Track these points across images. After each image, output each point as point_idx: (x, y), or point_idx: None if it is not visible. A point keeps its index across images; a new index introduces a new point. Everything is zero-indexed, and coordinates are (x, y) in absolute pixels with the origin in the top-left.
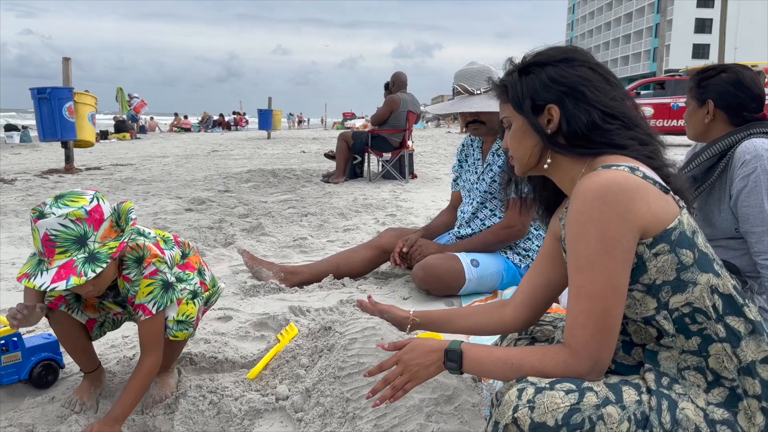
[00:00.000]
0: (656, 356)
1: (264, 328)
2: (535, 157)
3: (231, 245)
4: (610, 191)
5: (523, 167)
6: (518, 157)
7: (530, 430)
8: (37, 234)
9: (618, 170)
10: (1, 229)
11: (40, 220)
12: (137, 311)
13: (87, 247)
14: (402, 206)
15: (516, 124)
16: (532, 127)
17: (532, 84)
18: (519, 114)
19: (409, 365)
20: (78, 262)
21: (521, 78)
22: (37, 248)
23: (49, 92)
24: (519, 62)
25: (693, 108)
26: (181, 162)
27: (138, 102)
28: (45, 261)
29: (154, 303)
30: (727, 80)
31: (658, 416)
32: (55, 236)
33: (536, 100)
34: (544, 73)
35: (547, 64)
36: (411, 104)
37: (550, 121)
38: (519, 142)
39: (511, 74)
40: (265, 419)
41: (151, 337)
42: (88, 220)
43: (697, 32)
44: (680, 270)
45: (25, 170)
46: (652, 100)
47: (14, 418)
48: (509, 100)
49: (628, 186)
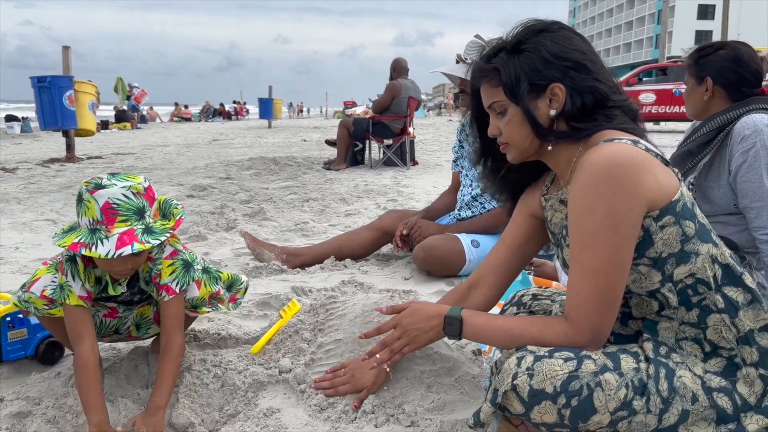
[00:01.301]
0: (656, 326)
1: (267, 307)
2: (536, 143)
3: (233, 229)
4: (618, 165)
5: (521, 155)
6: (516, 144)
7: (529, 397)
8: (94, 204)
9: (622, 143)
10: (4, 215)
11: (99, 190)
12: (161, 292)
13: (144, 220)
14: (403, 192)
15: (512, 109)
16: (527, 119)
17: (531, 63)
18: (513, 102)
19: (408, 329)
20: (138, 231)
21: (513, 58)
22: (92, 217)
23: (50, 81)
24: (508, 40)
25: (692, 86)
26: (182, 151)
27: (138, 92)
28: (102, 230)
29: (177, 282)
30: (726, 57)
31: (655, 383)
32: (117, 205)
33: (537, 80)
34: (543, 50)
35: (542, 40)
36: (412, 90)
37: (553, 101)
38: (517, 129)
39: (497, 54)
40: (269, 391)
41: (175, 317)
42: (145, 196)
43: (699, 18)
44: (684, 241)
45: (26, 159)
46: (655, 87)
47: (21, 392)
48: (501, 84)
49: (634, 159)
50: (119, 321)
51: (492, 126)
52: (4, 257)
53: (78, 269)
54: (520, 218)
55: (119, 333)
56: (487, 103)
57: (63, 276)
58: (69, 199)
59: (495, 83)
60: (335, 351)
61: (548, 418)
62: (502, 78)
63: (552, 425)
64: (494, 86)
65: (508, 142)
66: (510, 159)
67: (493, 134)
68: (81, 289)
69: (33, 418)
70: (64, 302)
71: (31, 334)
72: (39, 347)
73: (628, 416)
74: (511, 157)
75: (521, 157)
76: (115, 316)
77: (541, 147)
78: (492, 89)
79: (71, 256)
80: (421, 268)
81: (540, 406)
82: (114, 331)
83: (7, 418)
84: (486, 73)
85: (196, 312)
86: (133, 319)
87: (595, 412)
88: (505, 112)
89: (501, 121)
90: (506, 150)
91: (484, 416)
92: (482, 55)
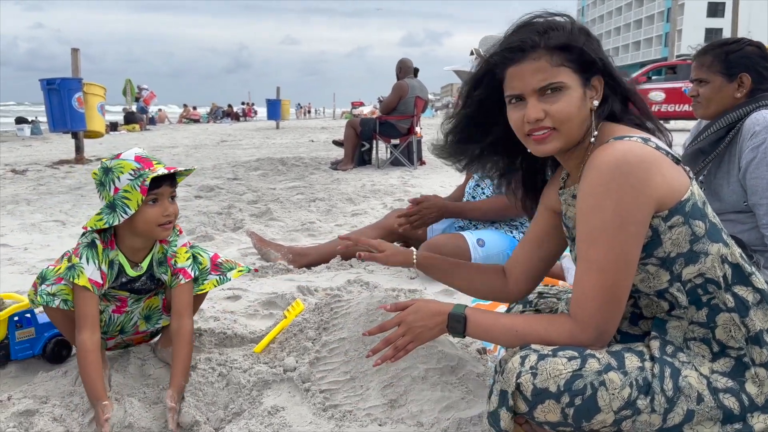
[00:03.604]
0: (665, 324)
1: (272, 306)
2: (585, 129)
3: (240, 229)
4: (627, 163)
5: (565, 143)
6: (571, 129)
7: (533, 396)
8: (127, 161)
9: (632, 141)
10: (14, 217)
11: (122, 153)
12: (178, 275)
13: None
14: (410, 191)
15: (577, 90)
16: (610, 81)
17: (595, 49)
18: (579, 78)
19: (412, 326)
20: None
21: (590, 38)
22: (132, 169)
23: (59, 83)
24: (556, 24)
25: (720, 84)
26: (191, 152)
27: (147, 93)
28: (145, 172)
29: (191, 268)
30: (756, 53)
31: (660, 383)
32: (146, 155)
33: (597, 66)
34: (593, 39)
35: (585, 31)
36: (419, 90)
37: (593, 92)
38: (579, 110)
39: (568, 31)
40: (273, 390)
41: (187, 303)
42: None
43: (709, 16)
44: (693, 241)
45: (36, 161)
46: (664, 85)
47: (29, 391)
48: (570, 63)
49: (644, 157)
50: (126, 317)
51: (536, 109)
52: (13, 258)
53: (96, 252)
54: (540, 212)
55: (124, 332)
56: (540, 83)
57: (76, 258)
58: (78, 201)
59: (557, 61)
60: (339, 349)
61: (552, 417)
62: (583, 53)
63: (556, 424)
64: (556, 65)
65: (559, 127)
66: (547, 150)
67: (537, 118)
68: (94, 273)
69: (40, 417)
70: (72, 281)
71: (39, 333)
72: (46, 346)
73: (633, 415)
74: (551, 147)
75: (562, 148)
76: (122, 310)
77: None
78: (552, 68)
79: (91, 242)
80: None
81: (543, 405)
82: (119, 330)
83: (14, 416)
84: (555, 46)
85: (204, 288)
86: (140, 312)
87: (599, 411)
88: (560, 94)
89: (550, 104)
90: (549, 138)
91: (505, 424)
92: (536, 30)
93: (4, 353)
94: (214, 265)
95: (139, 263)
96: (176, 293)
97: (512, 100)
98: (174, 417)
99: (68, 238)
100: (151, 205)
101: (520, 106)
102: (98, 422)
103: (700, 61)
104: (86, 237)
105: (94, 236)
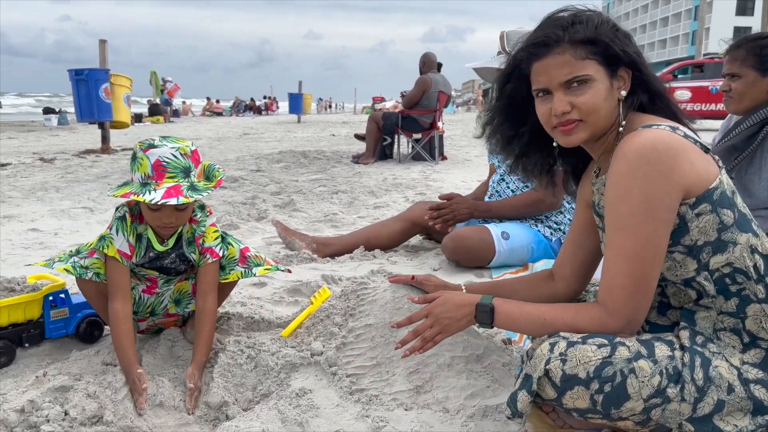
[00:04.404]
0: (693, 315)
1: (297, 293)
2: (611, 122)
3: (264, 219)
4: (655, 150)
5: (592, 134)
6: (597, 120)
7: (561, 382)
8: (147, 161)
9: (660, 129)
10: (44, 203)
11: (152, 149)
12: (205, 254)
13: (190, 179)
14: (432, 186)
15: (603, 82)
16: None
17: (621, 41)
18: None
19: (440, 318)
20: (184, 188)
21: (616, 32)
22: (144, 173)
23: (86, 74)
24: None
25: (753, 78)
26: (214, 144)
27: (172, 86)
28: (152, 183)
29: (220, 248)
30: None
31: (690, 372)
32: (167, 163)
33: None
34: (619, 31)
35: (611, 23)
36: (442, 85)
37: (620, 83)
38: (605, 102)
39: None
40: (301, 373)
41: (212, 282)
42: (191, 158)
43: (738, 14)
44: (721, 230)
45: (63, 150)
46: (690, 84)
47: (63, 368)
48: (595, 56)
49: (672, 145)
50: (156, 299)
51: (562, 102)
52: (44, 242)
53: (125, 224)
54: (578, 208)
55: (155, 314)
56: (566, 76)
57: (108, 230)
58: (105, 189)
59: (582, 54)
60: (366, 336)
61: (580, 403)
62: (608, 47)
63: (584, 411)
64: (581, 58)
65: (585, 118)
66: (573, 140)
67: (563, 111)
68: (123, 244)
69: (74, 392)
70: (103, 251)
71: (72, 313)
72: (80, 326)
73: (662, 404)
74: (578, 138)
75: (589, 138)
76: (153, 291)
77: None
78: (577, 61)
79: (122, 215)
80: (450, 258)
81: (572, 392)
82: (150, 312)
83: (50, 391)
84: (580, 40)
85: (228, 278)
86: (171, 295)
87: (628, 398)
88: (586, 87)
89: (576, 96)
90: (575, 129)
91: (522, 405)
92: (560, 24)
93: (39, 332)
94: (242, 257)
95: (165, 240)
96: (202, 272)
97: (539, 94)
98: (193, 397)
99: (96, 225)
100: (152, 209)
101: (547, 99)
102: (136, 390)
103: (733, 56)
104: (119, 211)
105: (125, 210)
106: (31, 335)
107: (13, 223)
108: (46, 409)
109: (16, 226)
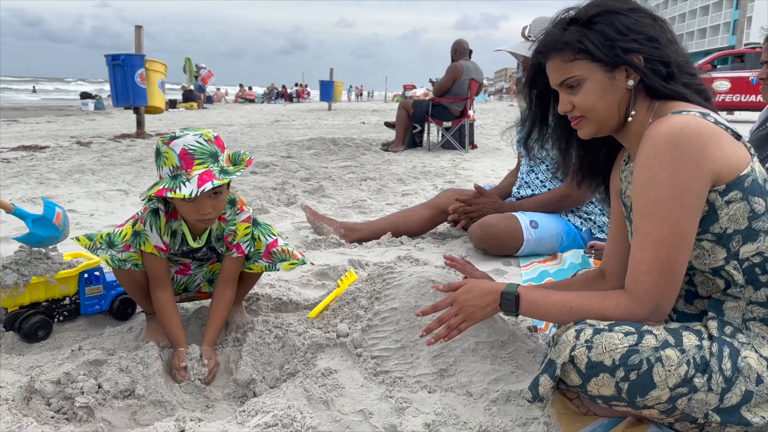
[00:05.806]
0: (722, 305)
1: (325, 277)
2: (619, 113)
3: (293, 204)
4: (684, 135)
5: (598, 129)
6: (598, 115)
7: (587, 369)
8: (172, 153)
9: (689, 115)
10: (80, 185)
11: (174, 140)
12: (231, 249)
13: (219, 163)
14: (461, 174)
15: (595, 79)
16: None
17: (609, 34)
18: (599, 66)
19: (465, 306)
20: (215, 171)
21: (590, 31)
22: (172, 165)
23: (123, 59)
24: (576, 16)
25: None
26: (246, 130)
27: (206, 72)
28: (182, 174)
29: (247, 245)
30: None
31: (718, 362)
32: (193, 150)
33: (617, 50)
34: (617, 23)
35: (614, 14)
36: (474, 72)
37: (630, 72)
38: (600, 98)
39: (566, 29)
40: (327, 353)
41: (233, 272)
42: (216, 143)
43: None
44: (752, 219)
45: (99, 134)
46: (729, 74)
47: (97, 343)
48: (576, 57)
49: (701, 130)
50: (189, 279)
51: (564, 102)
52: (80, 222)
53: (159, 222)
54: (613, 201)
55: (188, 291)
56: (558, 79)
57: (141, 225)
58: (139, 172)
59: (569, 57)
60: (391, 319)
61: (605, 390)
62: (587, 46)
63: (609, 398)
64: (568, 60)
65: (586, 115)
66: (583, 134)
67: (566, 110)
68: (158, 241)
69: (108, 366)
70: (140, 248)
71: (107, 290)
72: (113, 303)
73: (688, 393)
74: (586, 132)
75: (597, 132)
76: (186, 273)
77: (623, 116)
78: (565, 64)
79: (154, 209)
80: (478, 246)
81: (597, 379)
82: (183, 289)
83: (85, 365)
84: (560, 47)
85: (253, 268)
86: (203, 276)
87: (654, 387)
88: (579, 86)
89: (574, 95)
90: (580, 124)
91: (544, 390)
92: (552, 29)
93: (75, 308)
94: (267, 252)
95: (199, 236)
96: (227, 262)
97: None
98: (206, 376)
99: (131, 206)
100: (188, 201)
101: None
102: (175, 367)
103: None
104: (152, 203)
105: (159, 206)
106: (68, 310)
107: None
108: (80, 382)
109: None
